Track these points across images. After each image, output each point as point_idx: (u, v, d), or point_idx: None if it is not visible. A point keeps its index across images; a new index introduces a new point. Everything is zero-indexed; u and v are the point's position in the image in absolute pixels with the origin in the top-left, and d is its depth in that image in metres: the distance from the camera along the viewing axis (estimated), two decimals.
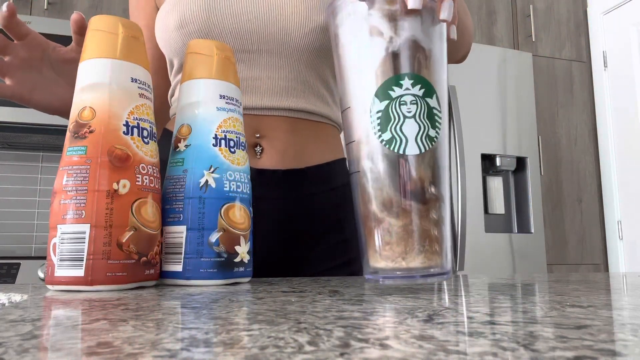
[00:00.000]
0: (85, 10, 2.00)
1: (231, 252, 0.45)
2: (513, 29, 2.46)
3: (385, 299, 0.31)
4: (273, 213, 0.65)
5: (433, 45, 0.37)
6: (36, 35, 0.57)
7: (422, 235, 0.34)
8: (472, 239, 1.98)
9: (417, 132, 0.35)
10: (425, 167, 0.35)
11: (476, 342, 0.18)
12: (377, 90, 0.35)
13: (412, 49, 0.36)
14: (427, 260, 0.34)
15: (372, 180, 0.36)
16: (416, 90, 0.35)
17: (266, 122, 0.65)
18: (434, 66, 0.36)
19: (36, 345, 0.17)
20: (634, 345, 0.17)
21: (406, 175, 0.35)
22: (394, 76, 0.35)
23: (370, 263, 0.36)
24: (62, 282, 0.38)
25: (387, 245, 0.35)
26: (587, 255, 2.40)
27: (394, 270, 0.34)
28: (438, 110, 0.36)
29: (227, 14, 0.62)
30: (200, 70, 0.47)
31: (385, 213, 0.35)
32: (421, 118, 0.35)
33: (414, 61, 0.35)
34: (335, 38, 0.39)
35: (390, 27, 0.36)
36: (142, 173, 0.41)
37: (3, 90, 0.55)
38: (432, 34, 0.37)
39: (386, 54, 0.35)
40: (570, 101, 2.50)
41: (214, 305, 0.28)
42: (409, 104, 0.35)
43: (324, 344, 0.17)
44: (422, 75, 0.35)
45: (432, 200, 0.35)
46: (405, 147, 0.35)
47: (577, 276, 0.56)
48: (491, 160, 2.14)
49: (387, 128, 0.35)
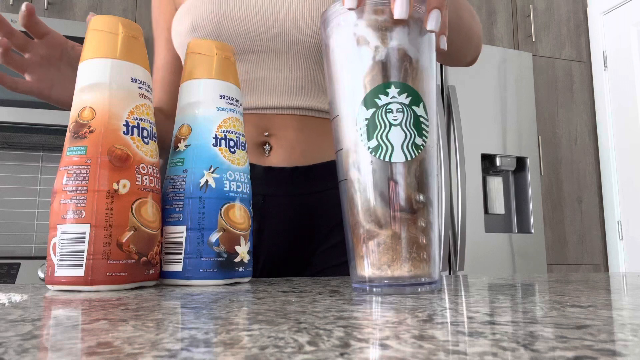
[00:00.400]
0: (85, 10, 2.00)
1: (231, 252, 0.45)
2: (513, 29, 2.46)
3: (385, 299, 0.31)
4: (281, 210, 0.66)
5: (421, 55, 0.37)
6: (55, 34, 0.59)
7: (410, 244, 0.35)
8: (472, 239, 1.98)
9: (403, 140, 0.35)
10: (412, 176, 0.35)
11: (476, 342, 0.18)
12: (364, 98, 0.36)
13: (400, 58, 0.36)
14: (415, 269, 0.35)
15: (359, 189, 0.36)
16: (402, 99, 0.35)
17: (276, 120, 0.66)
18: (422, 75, 0.37)
19: (36, 345, 0.17)
20: (634, 345, 0.17)
21: (393, 184, 0.35)
22: (380, 84, 0.35)
23: (358, 271, 0.36)
24: (62, 282, 0.38)
25: (374, 254, 0.35)
26: (587, 255, 2.40)
27: (382, 279, 0.35)
28: (425, 119, 0.36)
29: (237, 17, 0.63)
30: (200, 70, 0.47)
31: (372, 222, 0.35)
32: (407, 126, 0.35)
33: (400, 70, 0.36)
34: (326, 48, 0.39)
35: (378, 36, 0.36)
36: (142, 173, 0.41)
37: (23, 86, 0.58)
38: (419, 44, 0.37)
39: (373, 62, 0.36)
40: (570, 101, 2.50)
41: (214, 305, 0.28)
42: (395, 112, 0.35)
43: (324, 344, 0.17)
44: (408, 84, 0.36)
45: (419, 208, 0.35)
46: (392, 154, 0.35)
47: (577, 276, 0.56)
48: (491, 160, 2.14)
49: (374, 135, 0.35)
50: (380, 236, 0.35)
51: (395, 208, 0.35)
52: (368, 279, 0.35)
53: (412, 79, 0.36)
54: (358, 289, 0.36)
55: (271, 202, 0.65)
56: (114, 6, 2.02)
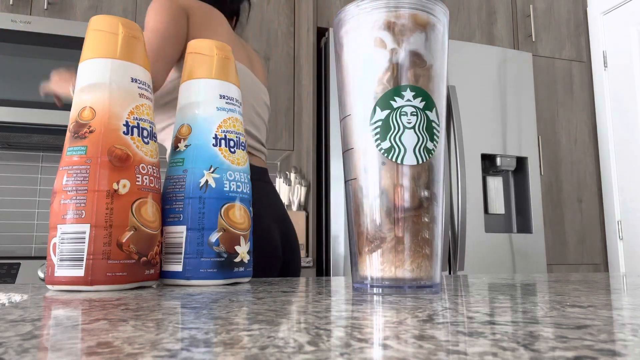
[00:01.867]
0: (85, 10, 2.00)
1: (231, 252, 0.45)
2: (513, 29, 2.46)
3: (385, 299, 0.31)
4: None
5: (435, 60, 0.37)
6: None
7: (413, 246, 0.35)
8: (472, 239, 1.98)
9: (415, 143, 0.35)
10: (420, 180, 0.35)
11: (476, 342, 0.17)
12: (378, 99, 0.36)
13: (415, 62, 0.36)
14: (417, 272, 0.35)
15: (367, 189, 0.36)
16: (417, 102, 0.36)
17: None
18: (435, 80, 0.37)
19: (36, 345, 0.17)
20: (634, 345, 0.17)
21: (401, 187, 0.35)
22: (396, 87, 0.36)
23: (359, 271, 0.36)
24: (62, 282, 0.38)
25: (376, 255, 0.35)
26: (587, 255, 2.40)
27: (382, 280, 0.35)
28: (437, 124, 0.36)
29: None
30: (200, 70, 0.47)
31: (377, 222, 0.35)
32: (421, 130, 0.35)
33: (416, 74, 0.36)
34: (340, 48, 0.39)
35: (394, 39, 0.36)
36: (142, 173, 0.41)
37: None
38: (434, 49, 0.37)
39: (389, 65, 0.36)
40: (570, 101, 2.50)
41: (214, 305, 0.28)
42: (410, 115, 0.35)
43: (324, 344, 0.17)
44: (423, 89, 0.36)
45: (425, 213, 0.35)
46: (404, 157, 0.35)
47: (577, 276, 0.56)
48: (491, 160, 2.13)
49: (387, 137, 0.35)
50: (383, 238, 0.35)
51: (401, 211, 0.35)
52: (369, 280, 0.35)
53: (426, 84, 0.36)
54: (359, 289, 0.36)
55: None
56: (114, 6, 2.02)
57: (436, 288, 0.36)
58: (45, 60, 1.84)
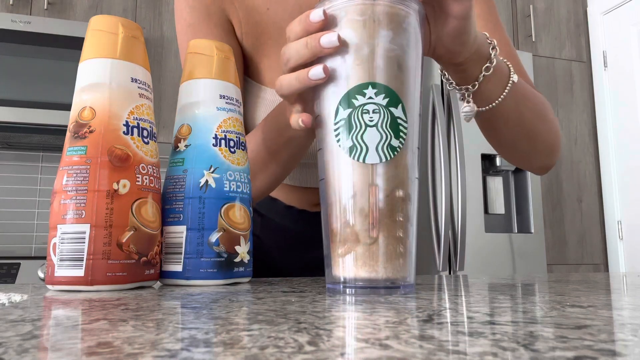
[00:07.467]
0: (85, 10, 2.00)
1: (231, 252, 0.45)
2: (513, 29, 2.46)
3: (385, 299, 0.31)
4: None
5: (405, 55, 0.36)
6: None
7: (385, 246, 0.34)
8: (472, 239, 1.98)
9: (378, 141, 0.34)
10: (389, 178, 0.35)
11: (476, 342, 0.17)
12: (341, 98, 0.35)
13: (381, 58, 0.36)
14: (390, 272, 0.34)
15: (336, 189, 0.35)
16: (379, 100, 0.35)
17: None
18: (404, 76, 0.36)
19: (36, 345, 0.17)
20: (634, 345, 0.17)
21: (371, 186, 0.34)
22: (358, 85, 0.35)
23: (333, 272, 0.36)
24: (62, 282, 0.38)
25: (349, 256, 0.35)
26: (587, 255, 2.40)
27: (356, 281, 0.34)
28: (403, 120, 0.35)
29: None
30: (200, 70, 0.47)
31: (347, 222, 0.35)
32: (383, 127, 0.35)
33: (382, 70, 0.35)
34: None
35: (360, 36, 0.36)
36: (142, 173, 0.41)
37: None
38: (404, 44, 0.36)
39: (354, 63, 0.36)
40: (570, 101, 2.50)
41: (214, 305, 0.28)
42: (372, 112, 0.35)
43: (324, 344, 0.17)
44: (387, 85, 0.35)
45: (396, 211, 0.35)
46: (366, 155, 0.34)
47: (577, 276, 0.56)
48: (491, 160, 2.13)
49: (348, 136, 0.35)
50: (355, 238, 0.34)
51: (373, 210, 0.34)
52: (342, 280, 0.35)
53: (393, 80, 0.36)
54: (331, 290, 0.36)
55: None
56: (114, 6, 2.02)
57: (410, 288, 0.35)
58: (45, 60, 1.84)
